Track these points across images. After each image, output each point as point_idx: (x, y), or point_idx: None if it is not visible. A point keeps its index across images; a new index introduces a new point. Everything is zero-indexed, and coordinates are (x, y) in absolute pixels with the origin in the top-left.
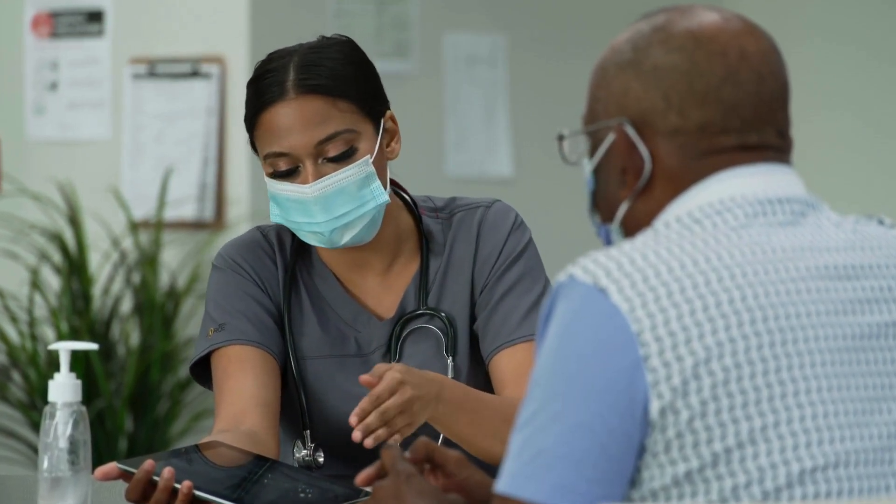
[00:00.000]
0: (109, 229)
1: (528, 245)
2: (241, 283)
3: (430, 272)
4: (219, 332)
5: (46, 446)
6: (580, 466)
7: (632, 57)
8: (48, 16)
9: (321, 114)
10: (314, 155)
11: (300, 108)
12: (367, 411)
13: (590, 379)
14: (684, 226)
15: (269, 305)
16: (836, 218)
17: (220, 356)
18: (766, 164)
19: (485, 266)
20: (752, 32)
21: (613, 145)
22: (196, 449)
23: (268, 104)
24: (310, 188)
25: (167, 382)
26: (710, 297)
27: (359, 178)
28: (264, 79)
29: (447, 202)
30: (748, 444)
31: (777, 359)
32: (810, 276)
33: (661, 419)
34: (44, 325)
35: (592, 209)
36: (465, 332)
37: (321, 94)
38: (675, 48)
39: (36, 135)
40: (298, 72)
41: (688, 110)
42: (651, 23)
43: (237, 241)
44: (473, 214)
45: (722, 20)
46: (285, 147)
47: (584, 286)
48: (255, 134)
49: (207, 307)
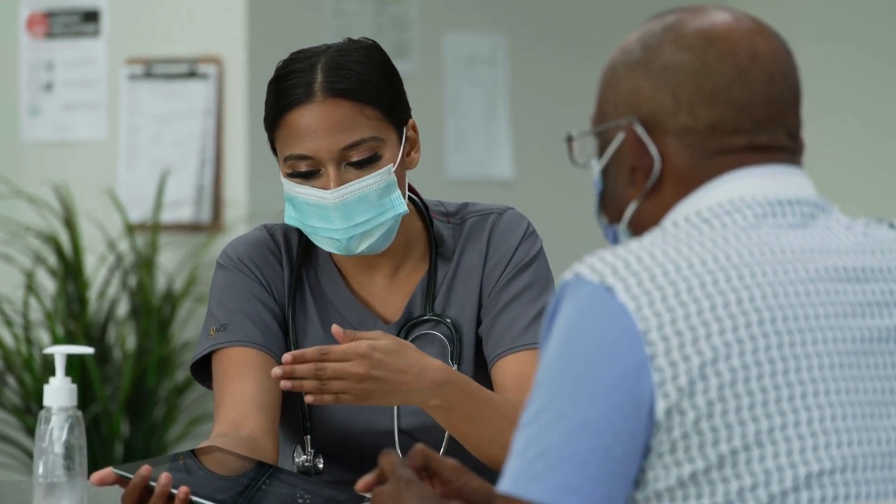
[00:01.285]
0: (105, 232)
1: (538, 254)
2: (246, 283)
3: (438, 277)
4: (221, 332)
5: (41, 451)
6: (585, 466)
7: (642, 56)
8: (43, 15)
9: (348, 119)
10: (337, 160)
11: (327, 111)
12: (308, 359)
13: (595, 378)
14: (693, 225)
15: (274, 307)
16: (846, 220)
17: (222, 357)
18: (777, 165)
19: (493, 273)
20: (763, 33)
21: (623, 144)
22: (193, 454)
23: (293, 105)
24: (331, 194)
25: (164, 387)
26: (717, 297)
27: (380, 186)
28: (289, 79)
29: (459, 207)
30: (754, 446)
31: (785, 360)
32: (819, 277)
33: (666, 419)
34: (39, 329)
35: (600, 210)
36: (472, 340)
37: (349, 99)
38: (686, 47)
39: (31, 136)
40: (326, 74)
41: (697, 110)
42: (662, 22)
43: (244, 240)
44: (485, 221)
45: (733, 20)
46: (308, 150)
47: (590, 284)
48: (277, 135)
49: (211, 305)
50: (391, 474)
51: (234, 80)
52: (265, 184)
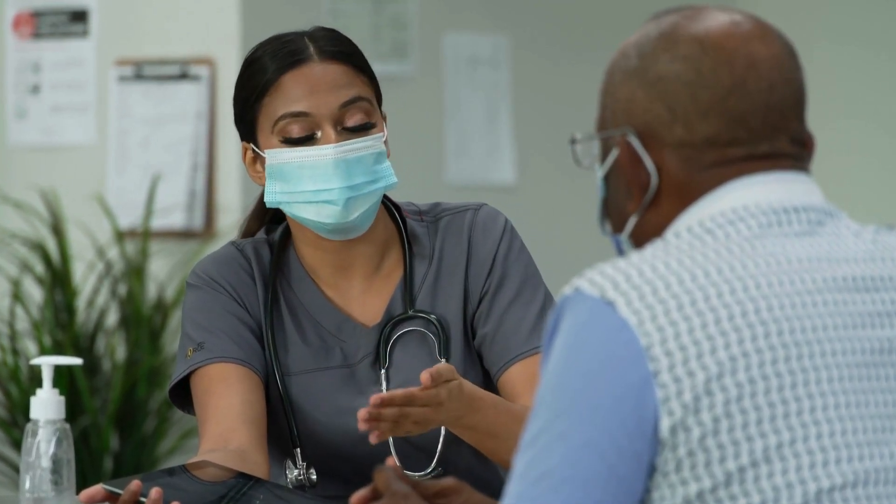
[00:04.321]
0: (94, 239)
1: (521, 250)
2: (219, 300)
3: (417, 276)
4: (198, 351)
5: (28, 466)
6: (588, 488)
7: (637, 64)
8: (30, 15)
9: (346, 77)
10: (335, 119)
11: (325, 69)
12: (396, 403)
13: (597, 396)
14: (695, 236)
15: (250, 322)
16: (855, 227)
17: (202, 376)
18: (781, 171)
19: (481, 271)
20: (762, 37)
21: (618, 160)
22: (184, 469)
23: (288, 68)
24: (333, 149)
25: (155, 399)
26: (722, 310)
27: (375, 151)
28: (274, 53)
29: (431, 206)
30: (763, 462)
31: (792, 374)
32: (827, 287)
33: (671, 437)
34: (26, 339)
35: (603, 217)
36: (459, 335)
37: (344, 62)
38: (680, 57)
39: (17, 140)
40: (318, 41)
41: (693, 123)
42: (658, 26)
43: (212, 258)
44: (462, 218)
45: (731, 24)
46: (306, 107)
47: (590, 299)
48: (262, 103)
49: (185, 327)
50: (387, 489)
51: (228, 82)
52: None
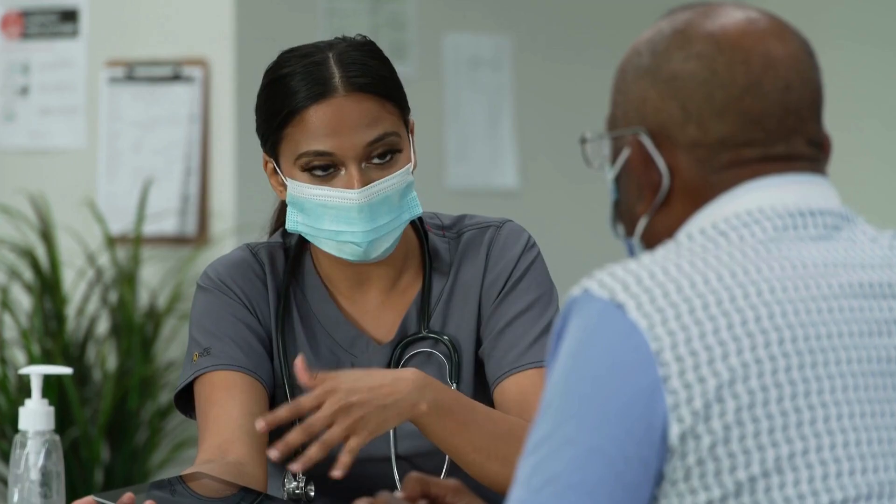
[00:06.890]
0: (84, 245)
1: (540, 269)
2: (229, 305)
3: (434, 293)
4: (204, 356)
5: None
6: (593, 495)
7: (650, 63)
8: (18, 15)
9: (372, 114)
10: (360, 158)
11: (351, 106)
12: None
13: (605, 401)
14: (709, 238)
15: (259, 330)
16: (873, 232)
17: (205, 382)
18: (797, 174)
19: (492, 289)
20: (779, 35)
21: (629, 160)
22: (179, 480)
23: (312, 100)
24: (358, 194)
25: (146, 409)
26: (735, 315)
27: (402, 186)
28: (299, 75)
29: (455, 220)
30: (774, 472)
31: (806, 382)
32: (843, 294)
33: (681, 445)
34: (14, 348)
35: (615, 220)
36: (471, 358)
37: (371, 94)
38: (694, 55)
39: (5, 143)
40: (344, 69)
41: (707, 123)
42: (672, 23)
43: (224, 260)
44: (483, 234)
45: (746, 22)
46: (330, 146)
47: (600, 301)
48: (286, 132)
49: (192, 331)
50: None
51: (221, 84)
52: (254, 194)
